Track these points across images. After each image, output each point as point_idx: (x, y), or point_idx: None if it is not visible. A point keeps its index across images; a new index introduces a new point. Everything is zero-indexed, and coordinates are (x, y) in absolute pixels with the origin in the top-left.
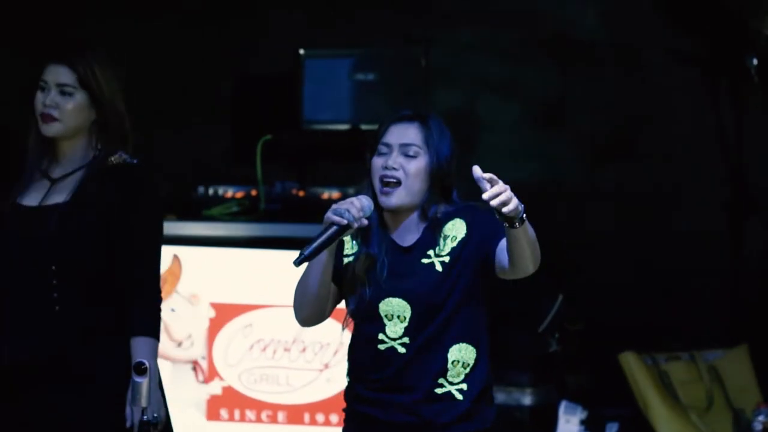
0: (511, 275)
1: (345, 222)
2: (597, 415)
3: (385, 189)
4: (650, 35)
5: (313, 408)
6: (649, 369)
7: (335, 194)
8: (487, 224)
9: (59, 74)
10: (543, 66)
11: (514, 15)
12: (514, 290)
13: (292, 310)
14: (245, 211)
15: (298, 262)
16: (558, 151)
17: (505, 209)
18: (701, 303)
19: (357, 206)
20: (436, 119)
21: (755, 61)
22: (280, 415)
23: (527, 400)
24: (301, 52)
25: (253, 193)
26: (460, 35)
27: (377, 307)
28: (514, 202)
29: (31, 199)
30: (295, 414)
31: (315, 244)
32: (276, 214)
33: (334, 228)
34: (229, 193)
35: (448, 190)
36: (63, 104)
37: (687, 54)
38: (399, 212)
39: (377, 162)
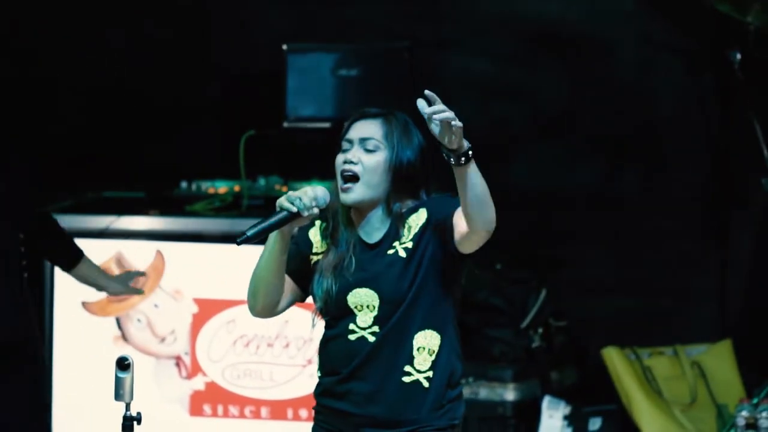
0: (469, 238)
1: (294, 209)
2: (580, 411)
3: (345, 185)
4: (634, 31)
5: (297, 403)
6: (632, 364)
7: None
8: (443, 199)
9: None
10: (527, 63)
11: (498, 13)
12: (498, 286)
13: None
14: (228, 207)
15: (239, 241)
16: (542, 149)
17: (453, 125)
18: (685, 299)
19: (310, 195)
20: (402, 117)
21: (739, 56)
22: (264, 411)
23: (510, 395)
24: (285, 47)
25: (236, 188)
26: (445, 32)
27: (346, 300)
28: (458, 126)
29: None
30: (278, 409)
31: (260, 227)
32: (259, 209)
33: (284, 214)
34: (212, 189)
35: (415, 188)
36: None
37: (672, 49)
38: (362, 208)
39: (339, 158)
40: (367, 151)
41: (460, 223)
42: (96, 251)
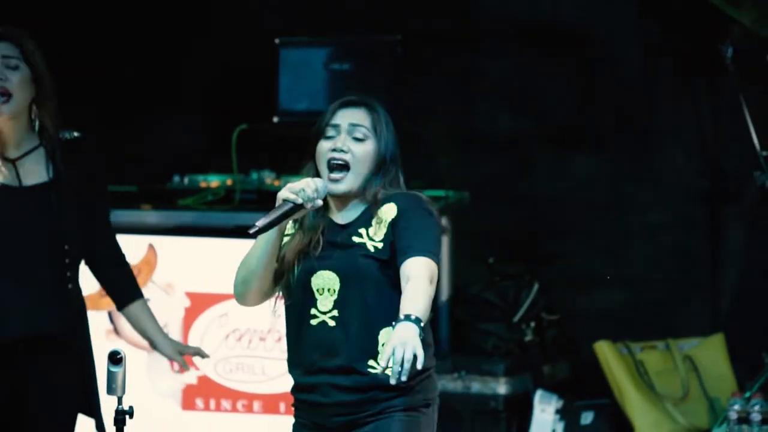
0: None
1: (300, 201)
2: (572, 405)
3: (334, 175)
4: (626, 26)
5: (289, 398)
6: (624, 358)
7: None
8: (416, 218)
9: (2, 48)
10: (520, 59)
11: (490, 6)
12: (491, 280)
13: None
14: (220, 201)
15: (254, 233)
16: (534, 141)
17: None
18: (678, 293)
19: (312, 187)
20: (382, 107)
21: (731, 51)
22: (256, 405)
23: (502, 389)
24: (277, 41)
25: (229, 182)
26: (436, 26)
27: (309, 282)
28: (412, 351)
29: (3, 179)
30: (270, 403)
31: (270, 219)
32: (251, 203)
33: (289, 205)
34: (205, 183)
35: (394, 175)
36: (11, 77)
37: (663, 45)
38: (346, 196)
39: (324, 145)
40: (356, 140)
41: (403, 271)
42: None
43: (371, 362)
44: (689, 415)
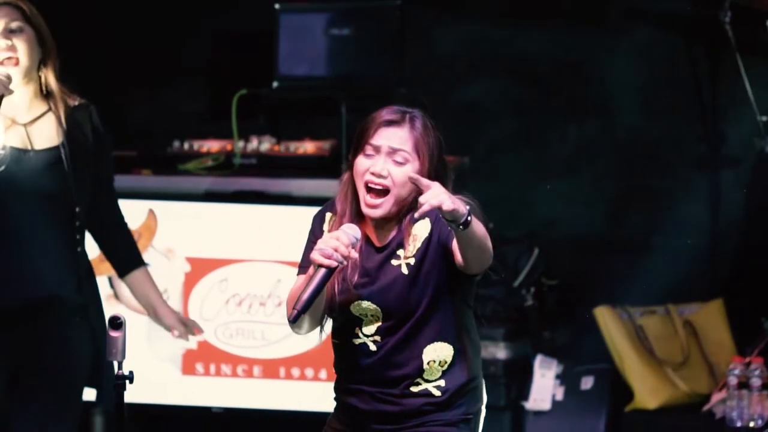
0: (465, 269)
1: (335, 265)
2: (572, 370)
3: (373, 201)
4: None
5: (289, 362)
6: (624, 323)
7: (310, 149)
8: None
9: (4, 12)
10: (516, 25)
11: None
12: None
13: (267, 265)
14: (220, 166)
15: (294, 319)
16: (533, 108)
17: (445, 208)
18: (678, 258)
19: (345, 242)
20: (424, 119)
21: (729, 16)
22: (256, 370)
23: (502, 354)
24: (277, 6)
25: (229, 147)
26: None
27: (349, 310)
28: (449, 204)
29: (16, 142)
30: (270, 368)
31: (307, 296)
32: (251, 168)
33: (324, 272)
34: (205, 148)
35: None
36: (17, 42)
37: (662, 10)
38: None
39: (363, 163)
40: (396, 164)
41: (456, 255)
42: None
43: (417, 380)
44: (689, 380)
